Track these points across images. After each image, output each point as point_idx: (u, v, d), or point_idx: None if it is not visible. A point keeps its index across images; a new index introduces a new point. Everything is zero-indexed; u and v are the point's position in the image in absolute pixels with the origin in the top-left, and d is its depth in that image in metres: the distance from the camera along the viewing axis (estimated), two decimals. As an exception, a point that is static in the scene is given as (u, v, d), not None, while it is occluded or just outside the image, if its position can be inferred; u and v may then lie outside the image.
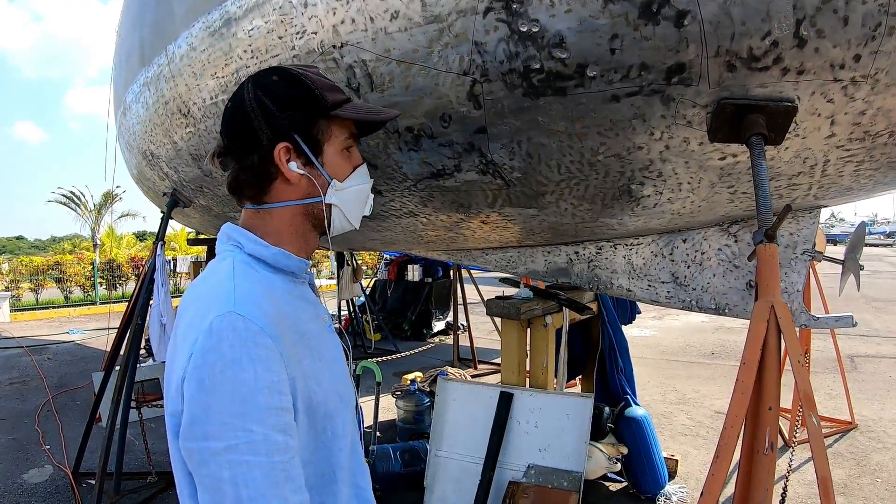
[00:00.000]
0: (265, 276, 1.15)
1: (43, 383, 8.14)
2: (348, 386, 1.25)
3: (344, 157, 1.27)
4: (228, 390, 0.94)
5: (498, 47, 1.65)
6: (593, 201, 2.17)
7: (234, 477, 0.93)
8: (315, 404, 1.09)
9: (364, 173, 1.32)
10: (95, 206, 27.86)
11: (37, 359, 9.97)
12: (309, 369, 1.09)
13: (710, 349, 9.33)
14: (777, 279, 1.64)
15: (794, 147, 1.82)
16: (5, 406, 7.11)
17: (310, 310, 1.21)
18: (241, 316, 0.99)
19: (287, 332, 1.06)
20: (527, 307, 3.13)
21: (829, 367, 7.33)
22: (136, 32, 3.36)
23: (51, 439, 5.89)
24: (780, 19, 1.45)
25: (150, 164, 3.79)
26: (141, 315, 4.11)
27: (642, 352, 8.97)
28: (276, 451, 0.96)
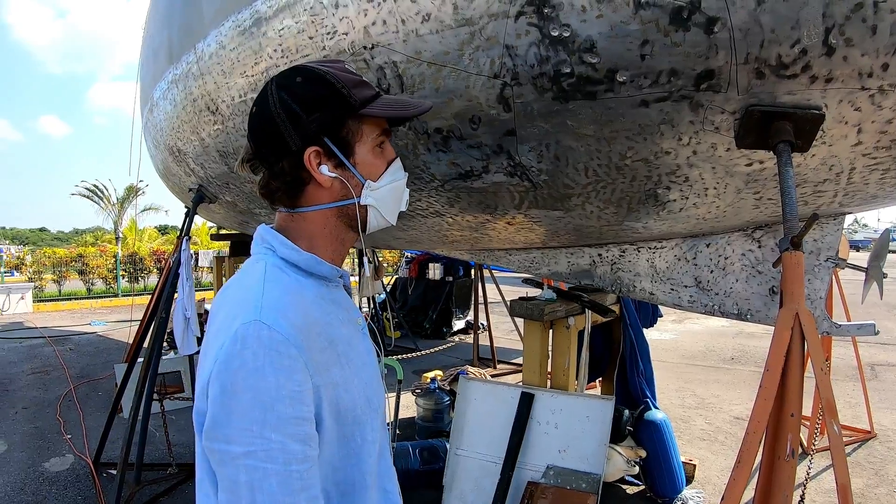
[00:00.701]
0: (296, 280, 1.15)
1: (65, 373, 8.26)
2: (378, 391, 1.23)
3: (376, 155, 1.22)
4: (249, 397, 0.96)
5: (529, 51, 1.66)
6: (619, 205, 2.17)
7: (250, 482, 0.95)
8: (343, 411, 1.09)
9: (398, 168, 1.27)
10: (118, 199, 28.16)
11: (59, 349, 10.12)
12: (337, 376, 1.09)
13: (730, 354, 9.27)
14: (802, 287, 1.64)
15: (821, 154, 1.81)
16: (27, 395, 7.23)
17: (341, 314, 1.19)
18: (267, 325, 1.00)
19: (315, 340, 1.06)
20: (550, 308, 3.13)
21: (850, 375, 7.26)
22: (165, 30, 3.40)
23: (72, 428, 5.97)
24: (810, 27, 1.45)
25: (176, 161, 3.83)
26: (165, 308, 4.16)
27: (662, 355, 8.92)
28: (294, 460, 0.97)
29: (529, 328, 3.23)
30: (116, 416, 5.04)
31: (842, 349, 7.76)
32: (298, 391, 0.99)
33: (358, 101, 1.15)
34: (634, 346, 4.39)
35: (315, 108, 1.14)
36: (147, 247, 22.81)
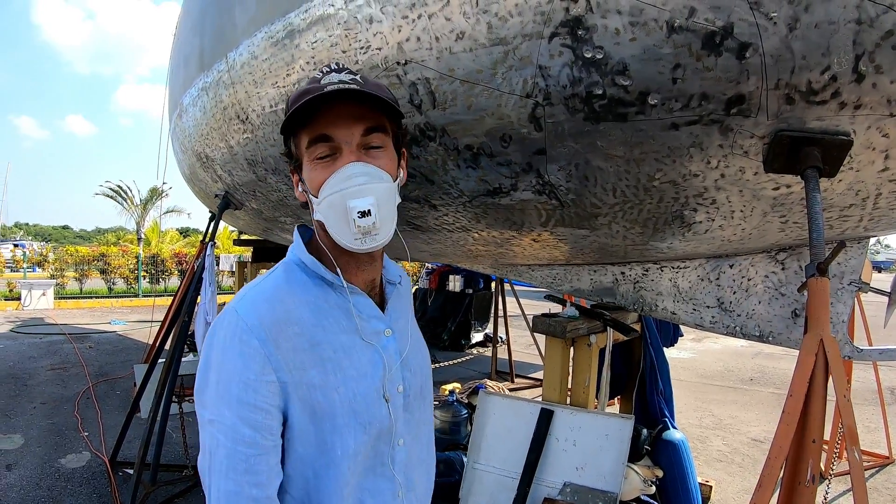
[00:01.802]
0: (302, 280, 1.19)
1: (84, 371, 8.35)
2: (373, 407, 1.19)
3: (313, 168, 1.16)
4: (215, 374, 1.09)
5: (562, 72, 1.68)
6: (645, 225, 2.18)
7: (210, 446, 1.08)
8: (321, 414, 1.12)
9: (341, 179, 1.13)
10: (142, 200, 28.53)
11: (78, 346, 10.25)
12: (316, 379, 1.12)
13: (748, 375, 9.17)
14: (828, 313, 1.64)
15: (848, 179, 1.81)
16: (46, 391, 7.32)
17: (345, 322, 1.19)
18: (238, 315, 1.10)
19: (288, 338, 1.10)
20: (572, 326, 3.13)
21: (869, 399, 7.16)
22: (196, 38, 3.45)
23: (89, 426, 6.04)
24: (840, 54, 1.46)
25: (203, 166, 3.88)
26: (188, 311, 4.20)
27: (680, 374, 8.85)
28: (241, 441, 1.06)
29: (551, 345, 3.23)
30: (134, 416, 5.08)
31: (862, 372, 7.66)
32: (253, 380, 1.07)
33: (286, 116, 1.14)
34: (655, 364, 4.36)
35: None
36: (169, 248, 23.04)
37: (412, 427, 1.31)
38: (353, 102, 1.13)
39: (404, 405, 1.28)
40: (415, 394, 1.32)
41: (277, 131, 2.59)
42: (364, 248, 1.14)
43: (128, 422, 5.07)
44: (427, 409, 1.40)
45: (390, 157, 1.20)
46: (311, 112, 1.12)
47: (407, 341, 1.31)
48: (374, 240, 1.14)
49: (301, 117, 1.13)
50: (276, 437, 1.10)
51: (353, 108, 1.13)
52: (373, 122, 1.16)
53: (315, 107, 1.11)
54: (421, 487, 1.36)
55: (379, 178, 1.15)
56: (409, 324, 1.37)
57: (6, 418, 6.23)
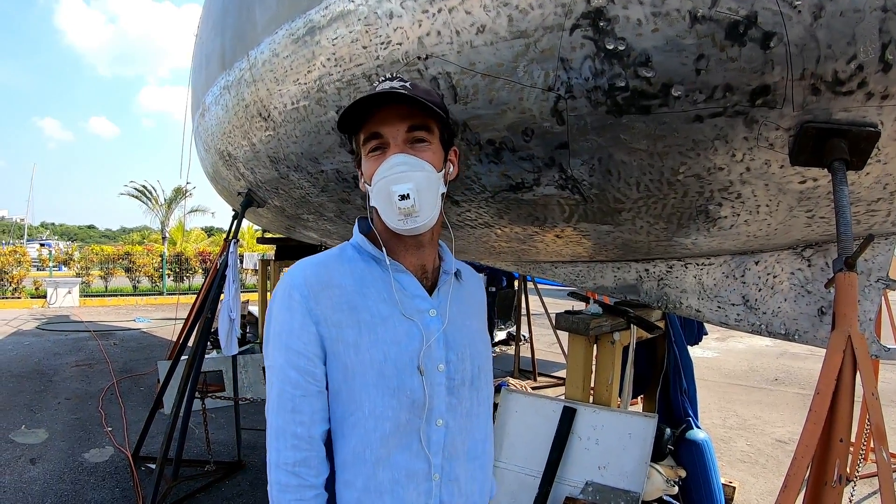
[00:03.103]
0: (351, 255, 1.36)
1: (108, 367, 8.46)
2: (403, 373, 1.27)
3: (368, 160, 1.33)
4: (273, 324, 1.29)
5: (584, 64, 1.67)
6: (669, 220, 2.15)
7: (268, 386, 1.28)
8: (352, 372, 1.26)
9: (387, 168, 1.28)
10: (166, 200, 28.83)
11: (103, 343, 10.39)
12: (350, 337, 1.26)
13: (773, 375, 9.04)
14: (855, 309, 1.61)
15: (875, 172, 1.78)
16: (71, 386, 7.42)
17: (384, 293, 1.31)
18: (291, 276, 1.30)
19: (329, 297, 1.27)
20: (595, 323, 3.10)
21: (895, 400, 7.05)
22: (218, 37, 3.47)
23: (113, 421, 6.11)
24: (866, 43, 1.43)
25: (226, 164, 3.91)
26: (211, 309, 4.24)
27: (704, 373, 8.73)
28: (288, 382, 1.24)
29: (574, 342, 3.21)
30: (157, 412, 5.14)
31: (889, 373, 7.53)
32: (296, 328, 1.25)
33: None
34: (678, 363, 4.30)
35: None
36: (193, 247, 23.27)
37: (459, 415, 1.35)
38: (400, 104, 1.28)
39: (448, 387, 1.33)
40: (462, 380, 1.36)
41: (300, 128, 2.62)
42: (406, 227, 1.28)
43: (151, 417, 5.12)
44: (483, 403, 1.45)
45: (434, 151, 1.34)
46: (366, 114, 1.29)
47: (456, 328, 1.38)
48: (415, 221, 1.28)
49: (356, 118, 1.31)
50: (320, 383, 1.26)
51: (400, 109, 1.28)
52: (417, 121, 1.30)
53: (368, 109, 1.29)
54: (467, 483, 1.37)
55: (419, 168, 1.29)
56: (466, 317, 1.45)
57: (31, 413, 6.32)
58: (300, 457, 1.22)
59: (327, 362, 1.27)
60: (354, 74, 2.19)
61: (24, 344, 10.27)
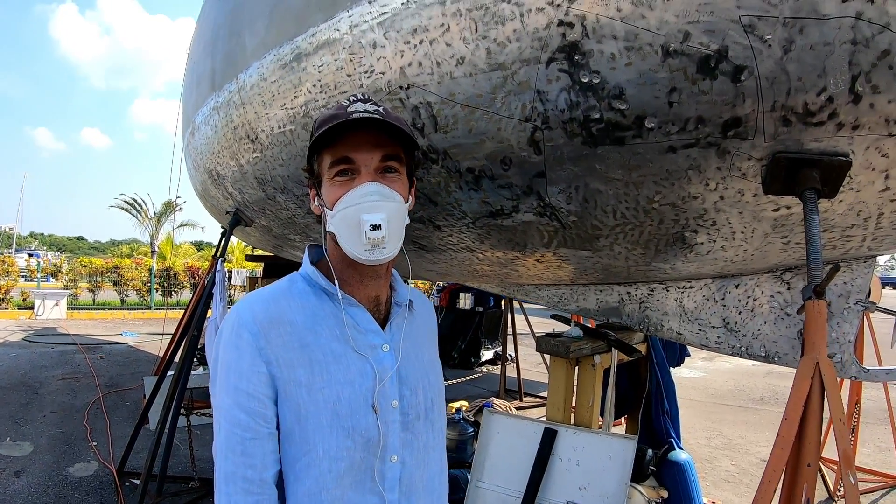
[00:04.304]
0: (301, 289, 1.31)
1: (94, 381, 8.41)
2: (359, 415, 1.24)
3: (331, 184, 1.28)
4: (220, 364, 1.23)
5: (559, 96, 1.71)
6: (647, 246, 2.19)
7: (216, 428, 1.22)
8: (305, 414, 1.21)
9: (355, 195, 1.25)
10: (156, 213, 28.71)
11: (90, 357, 10.33)
12: (303, 378, 1.22)
13: (759, 394, 9.09)
14: (824, 337, 1.64)
15: (848, 200, 1.82)
16: (57, 399, 7.39)
17: (336, 329, 1.27)
18: (238, 313, 1.24)
19: (280, 335, 1.22)
20: (576, 346, 3.13)
21: (882, 419, 7.08)
22: (208, 59, 3.51)
23: (98, 436, 6.09)
24: (836, 75, 1.47)
25: (215, 184, 3.93)
26: (197, 326, 4.24)
27: (690, 393, 8.77)
28: (237, 424, 1.18)
29: (555, 365, 3.22)
30: (143, 428, 5.12)
31: (874, 391, 7.58)
32: (246, 370, 1.19)
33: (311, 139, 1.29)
34: (660, 384, 4.33)
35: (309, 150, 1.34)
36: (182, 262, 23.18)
37: (415, 450, 1.33)
38: (375, 130, 1.25)
39: (402, 423, 1.31)
40: (417, 415, 1.34)
41: (286, 151, 2.66)
42: (372, 259, 1.24)
43: (136, 433, 5.11)
44: (436, 436, 1.42)
45: (403, 182, 1.32)
46: (336, 135, 1.24)
47: (409, 362, 1.36)
48: (381, 252, 1.24)
49: (327, 139, 1.25)
50: (271, 426, 1.21)
51: (374, 135, 1.26)
52: (391, 150, 1.28)
53: (341, 131, 1.24)
54: None
55: (391, 198, 1.26)
56: (419, 348, 1.42)
57: (16, 426, 6.30)
58: (252, 501, 1.18)
59: (278, 402, 1.22)
60: (339, 102, 2.22)
61: (10, 356, 10.22)
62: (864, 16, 1.39)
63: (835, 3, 1.39)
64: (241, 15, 2.96)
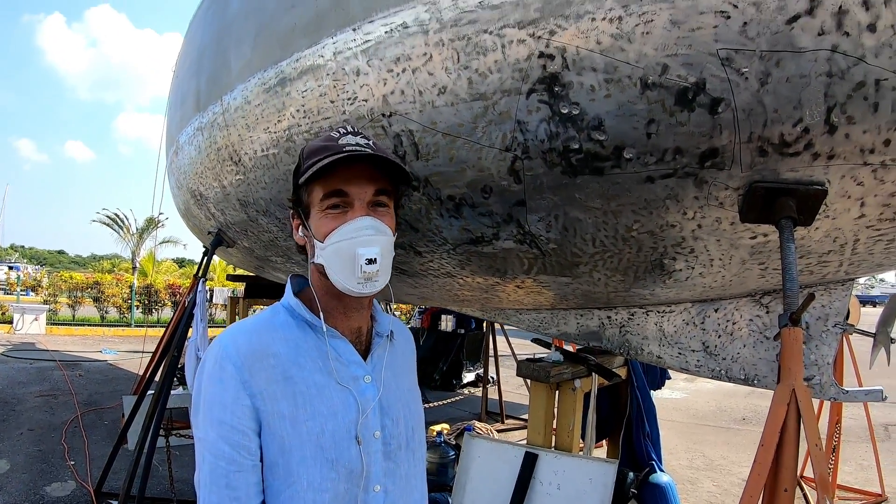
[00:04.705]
0: (284, 320, 1.30)
1: (72, 399, 8.25)
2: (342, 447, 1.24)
3: (323, 217, 1.26)
4: (203, 396, 1.21)
5: (539, 127, 1.73)
6: (626, 273, 2.21)
7: (199, 461, 1.20)
8: (288, 447, 1.20)
9: (352, 230, 1.24)
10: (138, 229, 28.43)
11: (68, 374, 10.15)
12: (286, 410, 1.21)
13: (741, 414, 9.10)
14: (800, 363, 1.66)
15: (825, 227, 1.85)
16: (34, 417, 7.24)
17: (321, 362, 1.27)
18: (221, 345, 1.22)
19: (263, 368, 1.21)
20: (556, 371, 3.13)
21: (862, 437, 7.11)
22: (194, 79, 3.51)
23: (75, 455, 5.96)
24: (812, 107, 1.50)
25: (197, 204, 3.92)
26: (177, 347, 4.20)
27: (672, 414, 8.76)
28: (221, 457, 1.17)
29: (535, 389, 3.23)
30: (121, 448, 5.05)
31: (856, 409, 7.61)
32: (230, 402, 1.18)
33: (303, 170, 1.26)
34: (641, 408, 4.35)
35: (294, 178, 1.32)
36: (163, 279, 22.98)
37: (397, 479, 1.34)
38: (369, 165, 1.25)
39: (384, 453, 1.31)
40: (399, 444, 1.35)
41: (269, 175, 2.66)
42: (364, 291, 1.25)
43: (114, 453, 5.02)
44: (417, 463, 1.43)
45: (392, 216, 1.32)
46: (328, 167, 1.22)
47: (390, 392, 1.36)
48: (373, 286, 1.26)
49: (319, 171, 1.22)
50: (255, 458, 1.20)
51: (369, 169, 1.26)
52: (383, 185, 1.28)
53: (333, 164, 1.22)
54: None
55: (384, 233, 1.27)
56: (399, 377, 1.43)
57: (-8, 443, 6.17)
58: None
59: (262, 435, 1.21)
60: (322, 127, 2.24)
61: (-13, 371, 10.04)
62: (839, 48, 1.43)
63: (811, 36, 1.42)
64: (227, 37, 2.98)
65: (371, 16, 1.99)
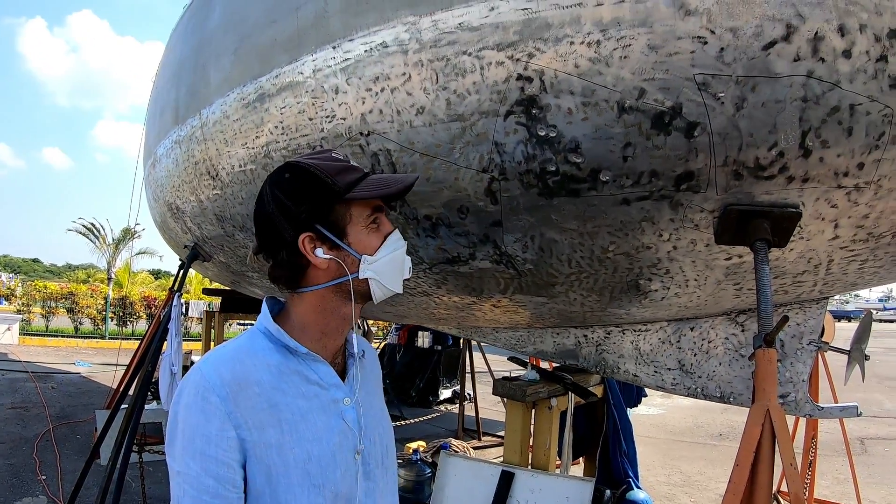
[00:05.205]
0: (263, 345, 1.27)
1: (45, 412, 8.10)
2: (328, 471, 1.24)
3: (371, 231, 1.30)
4: (181, 428, 1.16)
5: (516, 149, 1.74)
6: (602, 293, 2.22)
7: (177, 495, 1.15)
8: (275, 475, 1.19)
9: (396, 239, 1.34)
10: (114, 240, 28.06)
11: (41, 386, 9.96)
12: (273, 439, 1.19)
13: (718, 430, 9.15)
14: (775, 384, 1.67)
15: (799, 248, 1.88)
16: (5, 430, 7.10)
17: (304, 387, 1.26)
18: (203, 375, 1.18)
19: (248, 398, 1.18)
20: (532, 389, 3.13)
21: (839, 450, 7.15)
22: (173, 91, 3.49)
23: (47, 469, 5.84)
24: (787, 131, 1.53)
25: (174, 217, 3.88)
26: (152, 362, 4.14)
27: (649, 431, 8.77)
28: (205, 491, 1.13)
29: (511, 408, 3.22)
30: (93, 463, 4.96)
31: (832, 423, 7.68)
32: (215, 435, 1.15)
33: (342, 187, 1.25)
34: (618, 425, 4.36)
35: (303, 200, 1.25)
36: (139, 291, 22.69)
37: (376, 497, 1.35)
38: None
39: (364, 473, 1.32)
40: (375, 463, 1.35)
41: (246, 190, 2.64)
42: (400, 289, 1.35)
43: (87, 468, 4.93)
44: (391, 480, 1.44)
45: None
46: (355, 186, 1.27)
47: (367, 412, 1.36)
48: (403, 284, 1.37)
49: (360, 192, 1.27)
50: (239, 491, 1.17)
51: None
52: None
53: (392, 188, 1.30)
54: None
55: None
56: (371, 396, 1.43)
57: (-38, 457, 6.04)
58: None
59: (247, 465, 1.19)
60: (300, 144, 2.24)
61: (-43, 383, 9.85)
62: (814, 74, 1.45)
63: (787, 62, 1.45)
64: (206, 49, 2.96)
65: (351, 34, 1.99)
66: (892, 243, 1.88)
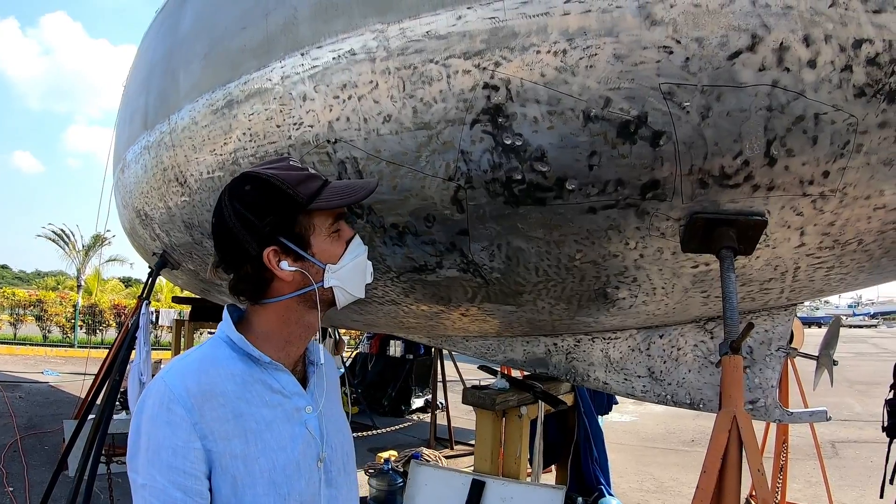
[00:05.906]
0: (227, 355, 1.25)
1: (12, 422, 7.94)
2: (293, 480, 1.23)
3: (333, 241, 1.29)
4: (145, 440, 1.13)
5: (483, 157, 1.74)
6: (569, 301, 2.22)
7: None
8: (241, 485, 1.17)
9: (357, 245, 1.35)
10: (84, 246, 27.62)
11: (8, 395, 9.76)
12: (238, 449, 1.18)
13: (690, 436, 9.20)
14: (741, 390, 1.68)
15: (765, 256, 1.90)
16: (-30, 440, 6.97)
17: (268, 396, 1.25)
18: (168, 386, 1.16)
19: (213, 408, 1.17)
20: (502, 398, 3.13)
21: (810, 454, 7.21)
22: (143, 96, 3.45)
23: (14, 481, 5.73)
24: (752, 140, 1.54)
25: (143, 223, 3.83)
26: (120, 371, 4.08)
27: (621, 437, 8.79)
28: (172, 502, 1.11)
29: (481, 417, 3.22)
30: (62, 474, 4.87)
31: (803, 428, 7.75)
32: (181, 446, 1.13)
33: (305, 198, 1.24)
34: (589, 433, 4.38)
35: (266, 212, 1.22)
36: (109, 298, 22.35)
37: (337, 502, 1.34)
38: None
39: (326, 480, 1.31)
40: (337, 470, 1.35)
41: (214, 197, 2.61)
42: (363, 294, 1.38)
43: (54, 479, 4.86)
44: (352, 485, 1.44)
45: None
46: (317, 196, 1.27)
47: (328, 420, 1.36)
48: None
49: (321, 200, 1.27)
50: (206, 501, 1.15)
51: None
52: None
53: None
54: None
55: None
56: (331, 404, 1.42)
57: (-75, 467, 5.89)
58: None
59: (213, 476, 1.17)
60: (268, 151, 2.22)
61: (-79, 391, 9.62)
62: (780, 83, 1.47)
63: (752, 71, 1.46)
64: (177, 55, 2.94)
65: (320, 41, 1.98)
66: (857, 250, 1.91)
